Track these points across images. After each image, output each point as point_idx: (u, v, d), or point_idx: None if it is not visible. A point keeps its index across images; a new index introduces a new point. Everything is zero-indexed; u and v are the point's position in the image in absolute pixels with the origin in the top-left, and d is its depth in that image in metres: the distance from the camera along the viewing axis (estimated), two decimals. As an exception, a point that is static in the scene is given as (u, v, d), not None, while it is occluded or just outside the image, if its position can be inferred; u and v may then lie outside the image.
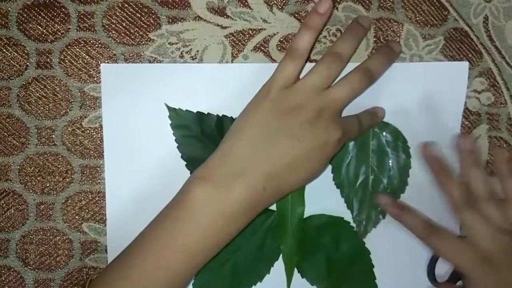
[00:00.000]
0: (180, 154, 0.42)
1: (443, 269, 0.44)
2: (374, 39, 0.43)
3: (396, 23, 0.43)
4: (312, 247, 0.43)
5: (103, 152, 0.42)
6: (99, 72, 0.42)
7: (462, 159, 0.41)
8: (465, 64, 0.43)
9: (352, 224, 0.44)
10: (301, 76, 0.39)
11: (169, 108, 0.42)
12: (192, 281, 0.43)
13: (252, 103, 0.38)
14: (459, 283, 0.44)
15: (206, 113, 0.42)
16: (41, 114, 0.42)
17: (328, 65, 0.38)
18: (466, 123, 0.44)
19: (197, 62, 0.42)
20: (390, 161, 0.43)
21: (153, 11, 0.42)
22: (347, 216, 0.44)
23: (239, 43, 0.42)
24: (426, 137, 0.43)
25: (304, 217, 0.43)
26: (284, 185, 0.37)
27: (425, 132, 0.43)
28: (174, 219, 0.36)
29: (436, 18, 0.43)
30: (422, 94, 0.43)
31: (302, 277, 0.44)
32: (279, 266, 0.44)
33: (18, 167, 0.42)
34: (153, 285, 0.35)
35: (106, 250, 0.43)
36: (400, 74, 0.43)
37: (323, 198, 0.43)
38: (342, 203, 0.43)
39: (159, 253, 0.35)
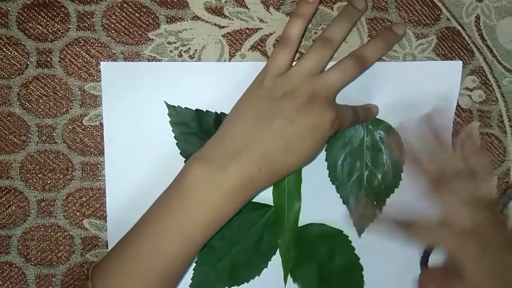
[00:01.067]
0: (179, 151, 0.43)
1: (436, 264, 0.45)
2: (369, 38, 0.44)
3: (389, 23, 0.44)
4: (307, 254, 0.44)
5: (103, 149, 0.43)
6: (99, 71, 0.42)
7: (428, 139, 0.42)
8: (459, 63, 0.44)
9: (350, 238, 0.44)
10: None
11: (168, 105, 0.43)
12: (191, 275, 0.43)
13: (247, 91, 0.40)
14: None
15: (204, 110, 0.43)
16: (41, 113, 0.43)
17: (320, 49, 0.39)
18: (458, 120, 0.45)
19: (195, 61, 0.43)
20: (384, 157, 0.44)
21: (152, 11, 0.42)
22: (344, 217, 0.44)
23: (237, 42, 0.43)
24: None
25: (305, 223, 0.44)
26: (279, 166, 0.38)
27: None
28: (171, 200, 0.37)
29: (429, 17, 0.44)
30: (416, 92, 0.44)
31: (294, 282, 0.44)
32: (276, 260, 0.44)
33: (19, 164, 0.43)
34: (150, 268, 0.36)
35: (107, 246, 0.43)
36: (394, 73, 0.44)
37: (320, 195, 0.44)
38: (338, 199, 0.44)
39: (156, 235, 0.36)
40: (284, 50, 0.39)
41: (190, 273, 0.43)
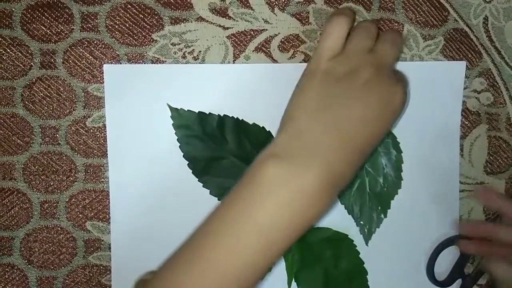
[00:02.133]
0: (182, 154, 0.43)
1: (442, 267, 0.45)
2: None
3: (396, 24, 0.43)
4: (312, 259, 0.44)
5: (106, 151, 0.43)
6: (103, 72, 0.42)
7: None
8: (463, 63, 0.44)
9: (356, 242, 0.44)
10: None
11: (171, 108, 0.42)
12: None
13: (303, 80, 0.37)
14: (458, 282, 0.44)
15: (207, 113, 0.42)
16: (45, 114, 0.43)
17: (367, 26, 0.38)
18: (466, 122, 0.44)
19: (199, 63, 0.43)
20: (382, 160, 0.44)
21: (156, 12, 0.42)
22: (351, 225, 0.44)
23: (241, 44, 0.43)
24: (424, 136, 0.43)
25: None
26: (363, 148, 0.35)
27: (424, 131, 0.44)
28: (247, 199, 0.33)
29: (436, 18, 0.44)
30: (420, 93, 0.43)
31: (298, 286, 0.44)
32: (280, 264, 0.44)
33: (22, 166, 0.43)
34: (223, 277, 0.32)
35: (109, 248, 0.43)
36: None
37: None
38: (343, 210, 0.44)
39: (231, 237, 0.32)
40: (336, 29, 0.37)
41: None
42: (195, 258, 0.32)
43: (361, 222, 0.44)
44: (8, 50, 0.42)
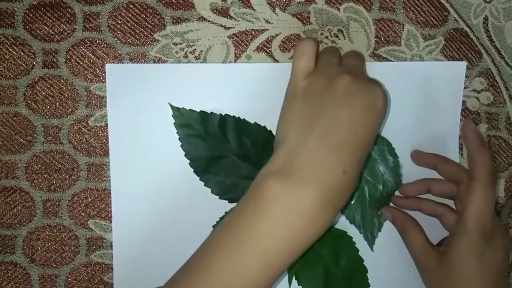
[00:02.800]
0: (183, 153, 0.43)
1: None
2: (376, 39, 0.43)
3: (397, 24, 0.44)
4: (312, 257, 0.44)
5: (108, 150, 0.43)
6: (105, 72, 0.42)
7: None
8: (463, 63, 0.44)
9: (354, 239, 0.44)
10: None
11: (172, 107, 0.43)
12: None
13: (286, 102, 0.38)
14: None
15: (209, 112, 0.43)
16: (47, 113, 0.43)
17: (331, 47, 0.42)
18: (466, 122, 0.45)
19: (200, 62, 0.43)
20: (380, 167, 0.44)
21: (157, 12, 0.42)
22: (351, 229, 0.44)
23: (242, 44, 0.43)
24: (424, 135, 0.44)
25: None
26: (358, 156, 0.35)
27: (424, 130, 0.44)
28: (249, 219, 0.33)
29: (437, 18, 0.44)
30: (420, 92, 0.44)
31: (299, 285, 0.44)
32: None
33: (25, 164, 0.43)
34: None
35: (111, 247, 0.43)
36: (398, 73, 0.43)
37: None
38: (344, 220, 0.44)
39: (232, 258, 0.32)
40: (306, 48, 0.38)
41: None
42: (194, 280, 0.32)
43: (364, 229, 0.44)
44: (11, 50, 0.42)
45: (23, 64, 0.43)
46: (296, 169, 0.33)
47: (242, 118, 0.43)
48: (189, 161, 0.43)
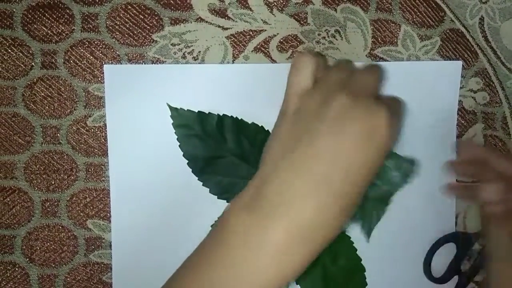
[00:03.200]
0: (182, 153, 0.43)
1: (439, 264, 0.45)
2: (373, 39, 0.44)
3: (393, 24, 0.44)
4: None
5: (107, 150, 0.43)
6: (103, 72, 0.43)
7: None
8: (459, 63, 0.44)
9: (352, 239, 0.44)
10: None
11: (171, 107, 0.43)
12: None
13: (276, 122, 0.33)
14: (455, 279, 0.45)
15: (207, 112, 0.43)
16: (46, 113, 0.43)
17: (343, 61, 0.33)
18: (462, 122, 0.45)
19: (199, 63, 0.43)
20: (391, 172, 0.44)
21: (156, 13, 0.43)
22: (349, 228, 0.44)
23: (240, 44, 0.43)
24: (421, 135, 0.44)
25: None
26: (344, 192, 0.29)
27: (420, 130, 0.44)
28: (212, 252, 0.30)
29: (433, 19, 0.44)
30: (416, 92, 0.44)
31: (297, 284, 0.44)
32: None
33: (24, 165, 0.43)
34: None
35: (110, 246, 0.44)
36: (394, 73, 0.43)
37: None
38: None
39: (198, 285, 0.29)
40: (302, 64, 0.32)
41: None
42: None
43: (361, 219, 0.44)
44: (9, 51, 0.43)
45: (22, 65, 0.43)
46: (264, 201, 0.29)
47: (240, 118, 0.43)
48: (187, 161, 0.43)
